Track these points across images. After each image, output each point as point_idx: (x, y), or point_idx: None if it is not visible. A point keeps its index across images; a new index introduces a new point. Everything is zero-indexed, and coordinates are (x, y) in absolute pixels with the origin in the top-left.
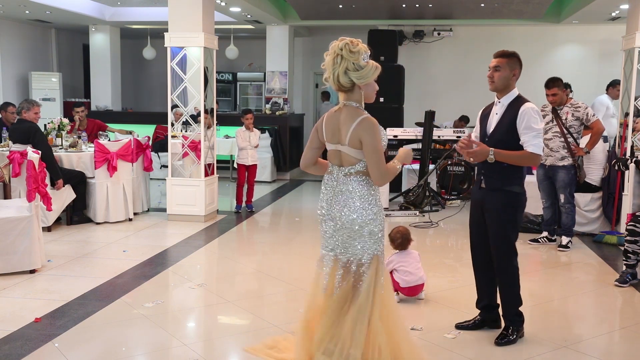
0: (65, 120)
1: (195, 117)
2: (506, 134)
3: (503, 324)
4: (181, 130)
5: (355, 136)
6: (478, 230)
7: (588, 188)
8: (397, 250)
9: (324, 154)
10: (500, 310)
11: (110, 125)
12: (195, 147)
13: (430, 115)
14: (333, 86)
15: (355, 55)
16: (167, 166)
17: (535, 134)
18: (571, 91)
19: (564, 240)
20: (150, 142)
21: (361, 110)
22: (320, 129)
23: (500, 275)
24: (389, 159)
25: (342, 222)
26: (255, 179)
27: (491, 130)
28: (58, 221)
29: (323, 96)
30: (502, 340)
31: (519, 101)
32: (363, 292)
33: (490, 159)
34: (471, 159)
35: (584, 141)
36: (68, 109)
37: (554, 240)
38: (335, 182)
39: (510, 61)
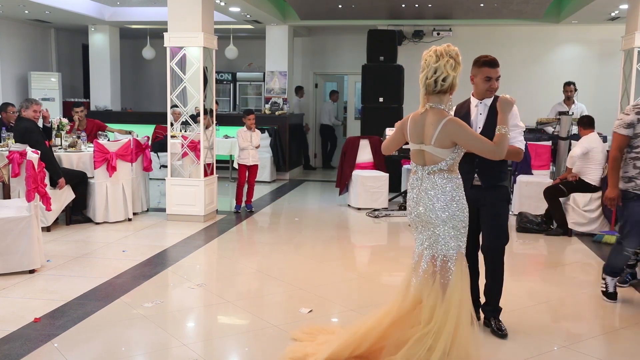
0: (65, 120)
1: (194, 117)
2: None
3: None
4: (180, 130)
5: (444, 137)
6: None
7: (587, 188)
8: None
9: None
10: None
11: (110, 125)
12: (194, 147)
13: None
14: (441, 88)
15: (461, 63)
16: (166, 166)
17: (520, 131)
18: (576, 90)
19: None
20: (150, 142)
21: (445, 112)
22: (405, 128)
23: (495, 268)
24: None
25: (427, 219)
26: (255, 179)
27: (479, 129)
28: (57, 221)
29: (332, 95)
30: (502, 332)
31: None
32: (451, 286)
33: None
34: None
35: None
36: (67, 109)
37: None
38: (419, 181)
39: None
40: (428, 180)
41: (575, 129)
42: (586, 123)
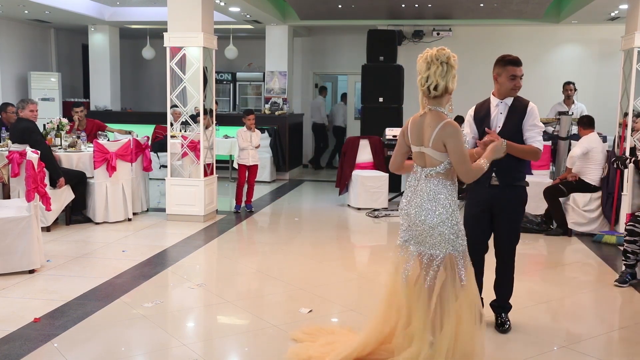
0: (65, 120)
1: (194, 117)
2: (515, 132)
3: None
4: (180, 130)
5: (438, 139)
6: (479, 229)
7: (587, 188)
8: None
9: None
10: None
11: (110, 125)
12: (194, 147)
13: None
14: (435, 93)
15: (456, 64)
16: (166, 166)
17: (539, 131)
18: (576, 90)
19: None
20: (150, 142)
21: (444, 115)
22: (406, 133)
23: (507, 267)
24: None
25: (414, 221)
26: (255, 179)
27: (499, 128)
28: (57, 221)
29: (344, 97)
30: (505, 327)
31: (521, 100)
32: (436, 288)
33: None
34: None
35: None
36: (67, 109)
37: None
38: (417, 181)
39: None
40: (424, 184)
41: (575, 129)
42: (586, 123)
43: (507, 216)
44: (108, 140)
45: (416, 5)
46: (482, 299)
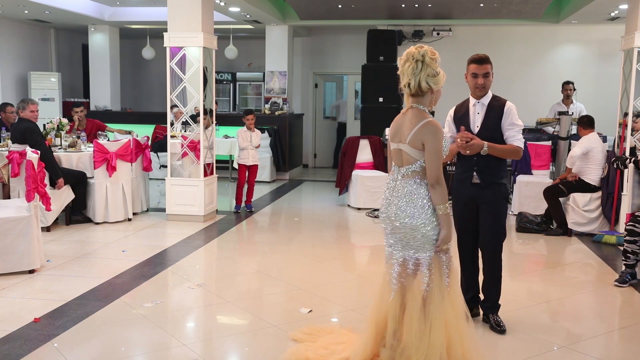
0: (65, 120)
1: (194, 117)
2: (493, 131)
3: (482, 312)
4: (180, 130)
5: (417, 137)
6: (467, 226)
7: (587, 188)
8: None
9: None
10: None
11: (110, 125)
12: (194, 147)
13: None
14: (410, 91)
15: (435, 62)
16: (166, 166)
17: (518, 129)
18: (575, 90)
19: None
20: (150, 142)
21: (426, 114)
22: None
23: (493, 265)
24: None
25: (397, 224)
26: (255, 179)
27: (477, 128)
28: (57, 221)
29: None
30: (501, 327)
31: (498, 99)
32: (431, 289)
33: (484, 151)
34: (467, 152)
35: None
36: (67, 109)
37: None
38: (394, 182)
39: (491, 65)
40: (401, 184)
41: (575, 129)
42: (586, 123)
43: (489, 211)
44: (108, 140)
45: (416, 5)
46: (479, 298)
